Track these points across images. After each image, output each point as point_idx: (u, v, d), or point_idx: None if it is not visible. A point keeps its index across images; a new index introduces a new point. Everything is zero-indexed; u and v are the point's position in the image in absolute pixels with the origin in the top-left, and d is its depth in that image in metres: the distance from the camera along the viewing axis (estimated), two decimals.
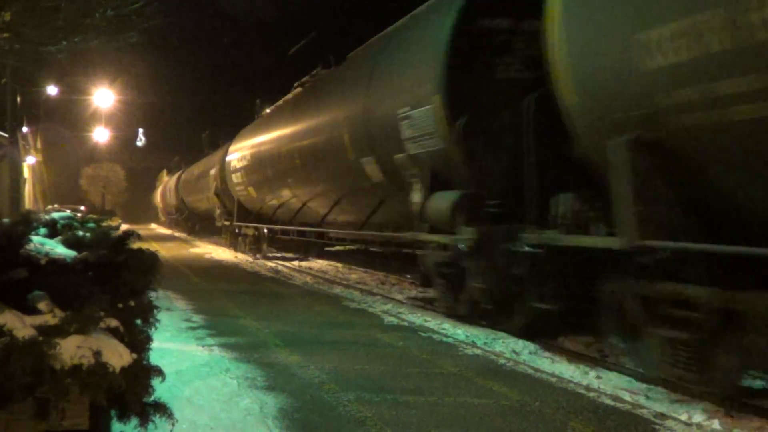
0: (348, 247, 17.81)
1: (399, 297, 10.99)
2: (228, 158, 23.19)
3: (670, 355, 5.18)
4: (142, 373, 3.00)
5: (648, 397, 5.22)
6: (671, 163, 5.19)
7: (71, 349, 2.75)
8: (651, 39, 4.90)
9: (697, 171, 5.09)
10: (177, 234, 40.08)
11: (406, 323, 8.15)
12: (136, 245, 3.60)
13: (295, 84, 18.31)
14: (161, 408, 3.15)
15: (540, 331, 7.22)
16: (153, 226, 59.21)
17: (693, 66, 4.64)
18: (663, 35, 4.81)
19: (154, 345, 3.66)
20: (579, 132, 6.09)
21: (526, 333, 7.23)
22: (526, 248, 6.95)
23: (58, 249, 3.47)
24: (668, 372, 5.29)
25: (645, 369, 5.63)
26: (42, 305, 3.02)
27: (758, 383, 5.44)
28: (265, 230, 20.03)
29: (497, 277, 7.49)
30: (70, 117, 45.02)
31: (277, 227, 19.24)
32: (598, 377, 5.77)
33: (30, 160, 32.73)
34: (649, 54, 4.92)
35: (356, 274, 15.39)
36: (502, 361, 6.13)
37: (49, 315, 2.97)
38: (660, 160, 5.22)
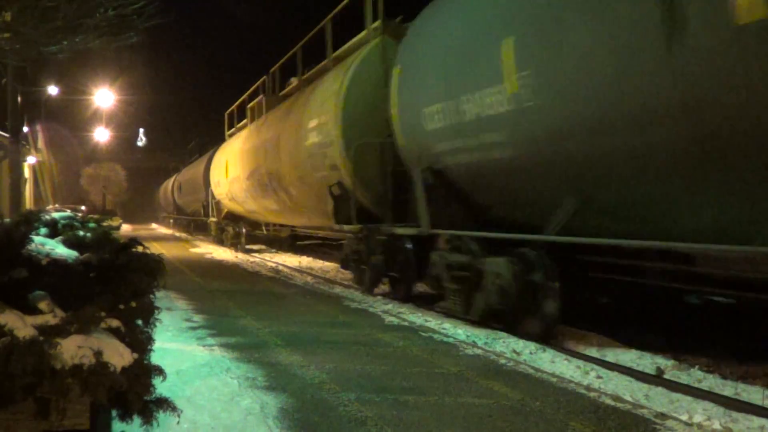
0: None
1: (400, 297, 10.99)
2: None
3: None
4: (143, 372, 3.01)
5: (648, 397, 5.23)
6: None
7: (72, 349, 2.75)
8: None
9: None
10: (177, 234, 40.10)
11: (406, 323, 8.16)
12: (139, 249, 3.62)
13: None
14: (164, 403, 3.15)
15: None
16: (154, 226, 59.24)
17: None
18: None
19: (155, 345, 3.67)
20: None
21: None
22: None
23: (59, 249, 3.48)
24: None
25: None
26: (43, 305, 3.03)
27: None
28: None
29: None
30: (70, 117, 45.12)
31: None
32: (599, 377, 5.78)
33: (30, 160, 32.72)
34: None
35: None
36: (503, 360, 6.13)
37: (49, 315, 2.97)
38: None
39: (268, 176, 16.69)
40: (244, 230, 23.27)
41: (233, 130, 25.48)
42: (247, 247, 23.29)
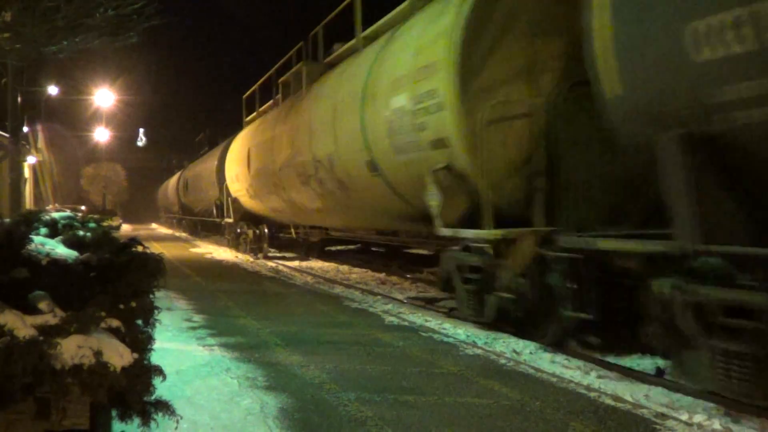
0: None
1: (399, 297, 10.99)
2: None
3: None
4: (143, 372, 3.01)
5: (648, 397, 5.22)
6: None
7: (72, 349, 2.75)
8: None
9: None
10: (178, 234, 40.11)
11: (406, 323, 8.15)
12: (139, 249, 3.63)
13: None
14: (163, 405, 3.15)
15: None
16: (154, 225, 59.24)
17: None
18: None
19: (155, 345, 3.67)
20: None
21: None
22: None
23: (59, 249, 3.48)
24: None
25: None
26: (43, 305, 3.03)
27: None
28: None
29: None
30: (70, 117, 45.14)
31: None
32: (599, 377, 5.77)
33: (30, 160, 32.74)
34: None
35: (357, 274, 15.39)
36: (503, 360, 6.13)
37: (49, 315, 2.97)
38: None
39: (314, 165, 12.67)
40: (266, 232, 19.92)
41: (254, 115, 21.51)
42: (271, 253, 20.17)
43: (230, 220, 22.69)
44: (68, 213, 5.51)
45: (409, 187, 9.02)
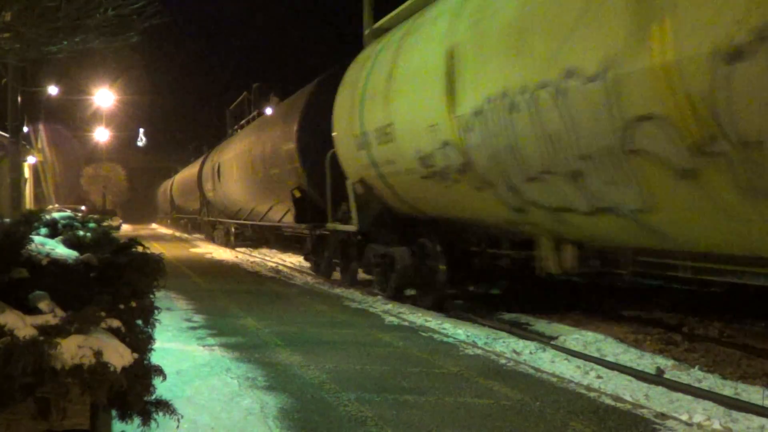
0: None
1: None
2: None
3: None
4: (143, 372, 3.00)
5: (648, 397, 5.22)
6: None
7: (72, 349, 2.75)
8: None
9: None
10: (178, 234, 40.12)
11: (406, 323, 8.16)
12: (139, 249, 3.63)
13: None
14: (164, 405, 3.15)
15: None
16: (154, 225, 59.26)
17: None
18: None
19: (156, 345, 3.67)
20: None
21: None
22: None
23: (59, 249, 3.48)
24: None
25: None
26: (43, 305, 3.03)
27: None
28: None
29: None
30: (70, 117, 45.18)
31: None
32: (599, 377, 5.78)
33: (31, 160, 32.74)
34: None
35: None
36: (503, 360, 6.13)
37: (50, 315, 2.97)
38: None
39: None
40: (443, 255, 9.65)
41: None
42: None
43: (352, 228, 11.56)
44: (68, 213, 5.51)
45: None
